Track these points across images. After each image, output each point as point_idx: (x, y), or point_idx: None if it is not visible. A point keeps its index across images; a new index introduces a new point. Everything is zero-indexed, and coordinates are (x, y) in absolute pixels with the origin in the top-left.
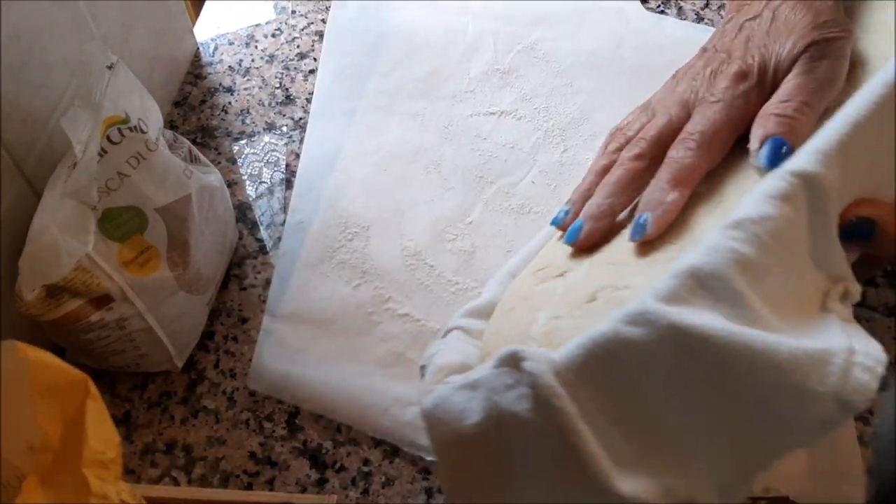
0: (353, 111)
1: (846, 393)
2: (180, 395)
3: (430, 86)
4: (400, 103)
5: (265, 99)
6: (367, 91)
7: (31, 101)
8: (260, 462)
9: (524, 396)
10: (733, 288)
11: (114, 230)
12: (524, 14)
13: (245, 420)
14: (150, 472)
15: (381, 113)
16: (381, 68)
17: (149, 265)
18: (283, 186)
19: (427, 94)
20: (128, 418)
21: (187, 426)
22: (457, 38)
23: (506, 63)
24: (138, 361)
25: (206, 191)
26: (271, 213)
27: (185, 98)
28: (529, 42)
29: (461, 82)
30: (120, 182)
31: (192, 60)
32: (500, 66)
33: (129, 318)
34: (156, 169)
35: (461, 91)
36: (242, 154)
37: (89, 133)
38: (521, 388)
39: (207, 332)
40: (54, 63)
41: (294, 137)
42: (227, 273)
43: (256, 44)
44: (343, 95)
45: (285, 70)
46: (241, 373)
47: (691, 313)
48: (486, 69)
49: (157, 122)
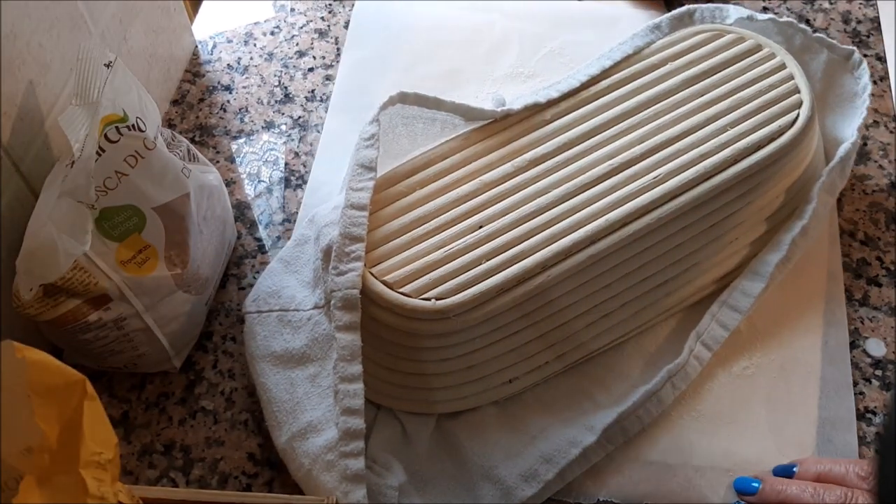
0: (371, 106)
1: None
2: (178, 396)
3: (451, 84)
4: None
5: (264, 97)
6: (386, 86)
7: (29, 99)
8: (258, 463)
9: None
10: None
11: (111, 229)
12: (552, 15)
13: (244, 421)
14: (148, 473)
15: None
16: (403, 63)
17: (147, 265)
18: (282, 185)
19: (447, 93)
20: (126, 419)
21: (185, 427)
22: (482, 37)
23: (530, 66)
24: (136, 362)
25: (204, 190)
26: (270, 213)
27: (184, 96)
28: (556, 46)
29: (483, 84)
30: (118, 181)
31: (191, 59)
32: (524, 69)
33: (127, 318)
34: (154, 168)
35: (483, 92)
36: (241, 153)
37: (87, 132)
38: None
39: (206, 333)
40: (52, 61)
41: (293, 136)
42: (225, 273)
43: (255, 42)
44: (362, 90)
45: (284, 68)
46: (239, 373)
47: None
48: (510, 71)
49: (156, 121)
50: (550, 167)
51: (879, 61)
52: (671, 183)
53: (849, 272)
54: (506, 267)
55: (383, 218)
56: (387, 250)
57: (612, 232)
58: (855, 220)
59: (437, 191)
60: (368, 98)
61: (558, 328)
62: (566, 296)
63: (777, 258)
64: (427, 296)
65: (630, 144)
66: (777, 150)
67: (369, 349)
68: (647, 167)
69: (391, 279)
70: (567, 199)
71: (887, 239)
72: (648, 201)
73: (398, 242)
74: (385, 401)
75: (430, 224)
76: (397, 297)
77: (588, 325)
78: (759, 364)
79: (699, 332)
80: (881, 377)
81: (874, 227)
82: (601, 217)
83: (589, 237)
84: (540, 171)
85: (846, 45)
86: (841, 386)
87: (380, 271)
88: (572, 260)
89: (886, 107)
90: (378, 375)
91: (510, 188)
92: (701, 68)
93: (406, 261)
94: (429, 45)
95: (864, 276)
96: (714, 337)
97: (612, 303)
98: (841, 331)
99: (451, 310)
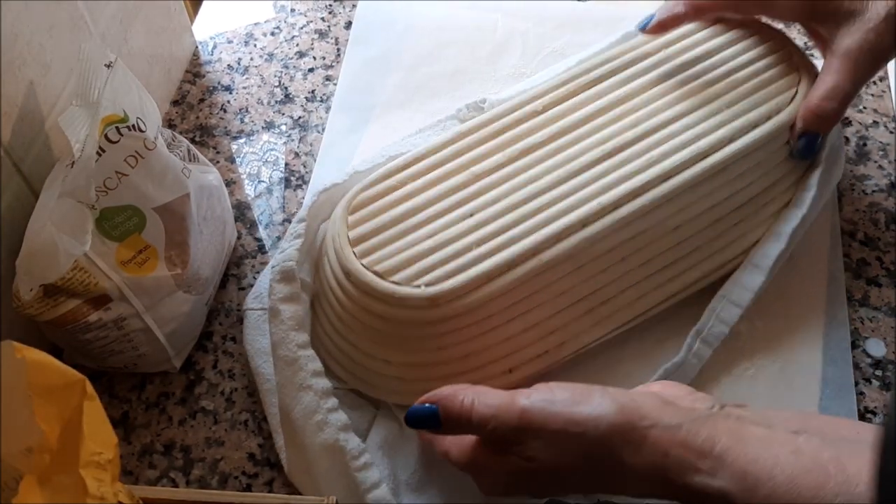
0: (374, 106)
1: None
2: (178, 396)
3: (455, 84)
4: (421, 101)
5: (264, 98)
6: (389, 86)
7: (29, 99)
8: (258, 463)
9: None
10: None
11: (112, 229)
12: (555, 16)
13: (244, 421)
14: (148, 473)
15: (401, 110)
16: (406, 63)
17: (147, 265)
18: (282, 186)
19: (450, 93)
20: (126, 419)
21: (185, 427)
22: (485, 37)
23: (532, 67)
24: (136, 362)
25: (204, 190)
26: (270, 213)
27: (184, 97)
28: (558, 46)
29: (485, 84)
30: (118, 181)
31: (191, 59)
32: (526, 70)
33: (127, 318)
34: (154, 168)
35: (485, 92)
36: (241, 153)
37: (87, 132)
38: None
39: (206, 333)
40: (52, 62)
41: (293, 136)
42: (225, 273)
43: (255, 42)
44: (365, 89)
45: (284, 69)
46: (239, 373)
47: None
48: (513, 72)
49: (156, 121)
50: (542, 156)
51: None
52: (665, 164)
53: (848, 272)
54: (496, 252)
55: (374, 212)
56: (377, 242)
57: (604, 215)
58: (855, 221)
59: (428, 183)
60: (371, 98)
61: (555, 316)
62: (560, 282)
63: (777, 250)
64: (417, 283)
65: (623, 129)
66: (774, 128)
67: (364, 342)
68: (641, 150)
69: (381, 269)
70: (559, 184)
71: (887, 239)
72: (642, 183)
73: (389, 234)
74: (382, 394)
75: (420, 215)
76: (388, 286)
77: (586, 313)
78: (759, 365)
79: (699, 330)
80: (881, 377)
81: (874, 227)
82: (593, 200)
83: (581, 220)
84: (532, 159)
85: None
86: (842, 387)
87: (370, 262)
88: (564, 244)
89: (886, 107)
90: (374, 368)
91: (501, 177)
92: (696, 53)
93: (396, 250)
94: (431, 45)
95: (863, 277)
96: (714, 334)
97: (610, 289)
98: (842, 332)
99: (441, 296)
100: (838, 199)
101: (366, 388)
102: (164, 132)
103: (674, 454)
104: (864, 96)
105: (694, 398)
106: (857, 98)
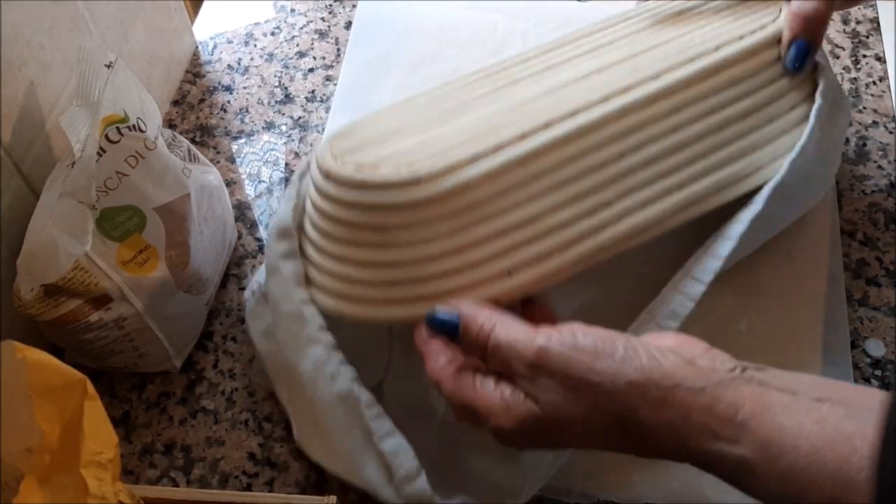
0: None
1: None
2: (179, 396)
3: None
4: None
5: (264, 98)
6: (389, 86)
7: (30, 99)
8: (259, 463)
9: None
10: None
11: (112, 229)
12: (555, 16)
13: (244, 420)
14: (149, 472)
15: None
16: (406, 63)
17: (147, 265)
18: (283, 186)
19: None
20: (126, 419)
21: (186, 427)
22: (485, 37)
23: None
24: (137, 362)
25: (204, 190)
26: (270, 213)
27: (184, 97)
28: None
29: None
30: (118, 181)
31: (191, 59)
32: None
33: (128, 318)
34: (154, 168)
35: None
36: (241, 153)
37: (88, 132)
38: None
39: (206, 332)
40: (53, 62)
41: (293, 136)
42: (225, 273)
43: (255, 42)
44: (365, 89)
45: (284, 69)
46: (240, 373)
47: None
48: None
49: (156, 121)
50: (536, 69)
51: (879, 62)
52: (654, 68)
53: (848, 272)
54: (482, 137)
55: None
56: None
57: (594, 105)
58: (854, 221)
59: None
60: (371, 98)
61: (552, 213)
62: (553, 173)
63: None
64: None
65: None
66: (762, 39)
67: (350, 250)
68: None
69: (361, 161)
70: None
71: (886, 239)
72: (634, 80)
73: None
74: (369, 311)
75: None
76: (367, 173)
77: (587, 215)
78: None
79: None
80: (881, 377)
81: (873, 227)
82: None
83: (570, 111)
84: (525, 72)
85: (846, 45)
86: None
87: (349, 159)
88: (554, 130)
89: (886, 107)
90: (359, 278)
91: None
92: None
93: (379, 150)
94: (432, 45)
95: (863, 277)
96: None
97: (610, 191)
98: (842, 332)
99: (424, 174)
100: (838, 199)
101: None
102: (165, 132)
103: (695, 419)
104: (864, 96)
105: (712, 356)
106: (857, 98)
